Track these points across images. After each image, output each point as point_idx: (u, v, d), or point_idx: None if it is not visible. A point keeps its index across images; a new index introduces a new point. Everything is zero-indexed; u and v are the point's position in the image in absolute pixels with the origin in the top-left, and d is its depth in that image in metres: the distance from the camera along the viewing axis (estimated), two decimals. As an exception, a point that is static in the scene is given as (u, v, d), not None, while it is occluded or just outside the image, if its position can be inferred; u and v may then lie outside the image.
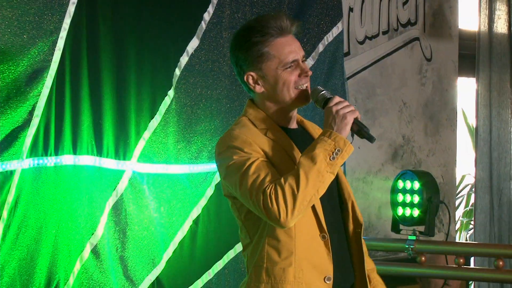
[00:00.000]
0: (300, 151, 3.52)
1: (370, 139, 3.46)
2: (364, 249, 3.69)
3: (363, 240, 3.64)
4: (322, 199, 3.45)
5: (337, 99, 3.43)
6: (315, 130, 3.76)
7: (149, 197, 4.57)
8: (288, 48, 3.53)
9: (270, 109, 3.61)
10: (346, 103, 3.41)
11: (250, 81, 3.56)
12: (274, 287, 3.47)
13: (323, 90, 3.52)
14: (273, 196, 3.30)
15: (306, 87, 3.56)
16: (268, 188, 3.31)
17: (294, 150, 3.55)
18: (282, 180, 3.30)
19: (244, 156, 3.41)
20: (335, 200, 3.59)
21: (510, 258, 5.98)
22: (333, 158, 3.33)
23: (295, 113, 3.68)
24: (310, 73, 3.56)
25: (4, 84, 4.08)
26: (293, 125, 3.67)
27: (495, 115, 7.11)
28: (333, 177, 3.35)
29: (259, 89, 3.56)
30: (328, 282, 3.48)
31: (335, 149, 3.35)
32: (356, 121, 3.41)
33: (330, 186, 3.44)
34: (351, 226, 3.63)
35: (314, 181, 3.30)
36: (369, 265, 3.75)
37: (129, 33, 4.56)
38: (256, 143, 3.45)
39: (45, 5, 4.20)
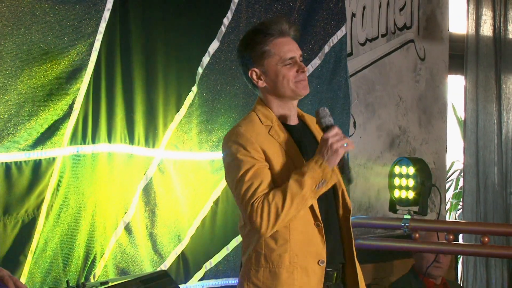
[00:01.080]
0: (299, 147, 3.56)
1: (349, 180, 3.49)
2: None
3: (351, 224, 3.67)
4: (320, 196, 3.49)
5: (335, 130, 3.44)
6: (314, 124, 3.74)
7: (175, 181, 4.58)
8: (287, 47, 3.57)
9: (273, 104, 3.63)
10: (341, 136, 3.41)
11: (254, 76, 3.60)
12: (271, 271, 3.51)
13: (327, 114, 3.51)
14: (259, 211, 3.37)
15: (301, 83, 3.57)
16: (256, 202, 3.39)
17: (293, 147, 3.56)
18: (271, 196, 3.38)
19: (244, 157, 3.46)
20: (329, 192, 3.57)
21: (494, 235, 5.98)
22: (318, 187, 3.39)
23: (295, 108, 3.69)
24: (306, 69, 3.58)
25: (47, 81, 4.09)
26: (294, 121, 3.68)
27: (481, 108, 7.10)
28: (315, 200, 3.43)
29: (261, 84, 3.59)
30: (321, 265, 3.52)
31: (321, 180, 3.39)
32: (344, 157, 3.44)
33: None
34: (341, 212, 3.66)
35: (298, 204, 3.38)
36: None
37: (157, 36, 4.58)
38: (258, 142, 3.48)
39: (83, 11, 4.21)
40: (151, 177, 4.54)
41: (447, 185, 7.56)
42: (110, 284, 3.10)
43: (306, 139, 3.63)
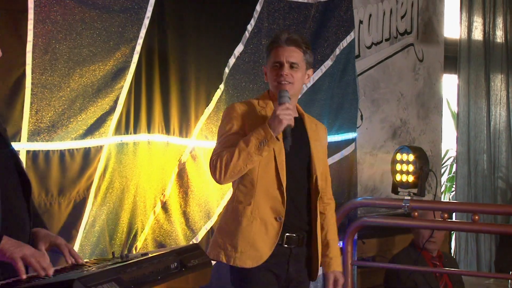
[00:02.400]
0: (283, 137, 3.70)
1: (285, 145, 3.66)
2: (331, 223, 4.03)
3: (320, 206, 3.90)
4: (291, 166, 3.76)
5: (284, 106, 3.63)
6: (313, 122, 4.02)
7: (205, 166, 4.59)
8: (279, 53, 3.77)
9: (272, 94, 3.86)
10: (287, 111, 3.61)
11: (265, 72, 3.89)
12: (235, 219, 3.78)
13: (285, 95, 3.69)
14: (215, 161, 3.66)
15: (280, 82, 3.75)
16: (215, 155, 3.70)
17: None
18: (224, 152, 3.66)
19: (228, 125, 3.78)
20: (303, 172, 3.84)
21: (484, 214, 5.97)
22: (261, 145, 3.60)
23: (294, 103, 3.88)
24: (284, 73, 3.74)
25: (95, 79, 4.11)
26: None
27: (472, 103, 7.09)
28: (261, 157, 3.64)
29: (266, 78, 3.89)
30: (279, 220, 3.75)
31: (263, 139, 3.59)
32: (287, 128, 3.61)
33: (302, 161, 3.83)
34: (313, 195, 3.85)
35: (244, 158, 3.61)
36: (335, 241, 4.03)
37: (190, 40, 4.58)
38: (243, 115, 3.78)
39: (126, 19, 4.23)
40: (184, 163, 4.56)
41: (442, 170, 7.55)
42: (150, 255, 3.10)
43: (294, 130, 3.75)
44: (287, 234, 3.76)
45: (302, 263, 3.86)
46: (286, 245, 3.77)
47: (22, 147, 3.83)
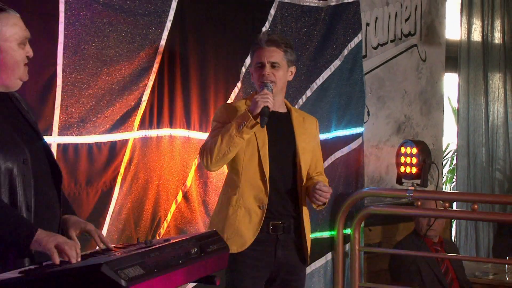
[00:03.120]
0: (268, 132, 3.80)
1: (261, 122, 3.66)
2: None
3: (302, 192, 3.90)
4: (275, 157, 3.81)
5: (263, 92, 3.70)
6: (301, 115, 4.04)
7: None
8: (260, 54, 3.83)
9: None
10: (265, 95, 3.66)
11: (251, 73, 3.95)
12: (223, 208, 3.87)
13: (266, 85, 3.74)
14: (202, 150, 3.78)
15: (263, 81, 3.79)
16: (202, 146, 3.81)
17: (262, 129, 3.76)
18: (209, 140, 3.77)
19: (215, 122, 3.87)
20: (289, 164, 3.88)
21: (482, 203, 5.95)
22: (240, 127, 3.65)
23: (282, 99, 3.95)
24: (266, 73, 3.79)
25: (121, 78, 4.12)
26: (279, 109, 3.91)
27: (471, 100, 7.07)
28: (243, 141, 3.68)
29: (252, 78, 3.96)
30: (262, 208, 3.79)
31: (242, 122, 3.65)
32: (264, 108, 3.63)
33: (287, 153, 3.86)
34: (298, 184, 3.89)
35: (227, 141, 3.67)
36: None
37: (209, 42, 4.58)
38: (230, 115, 3.81)
39: (150, 22, 4.23)
40: (204, 155, 4.56)
41: (444, 163, 7.53)
42: (172, 241, 3.10)
43: (280, 126, 3.88)
44: (273, 222, 3.80)
45: (291, 249, 3.87)
46: (272, 232, 3.80)
47: (53, 140, 3.84)
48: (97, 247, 2.99)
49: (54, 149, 3.81)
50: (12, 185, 2.79)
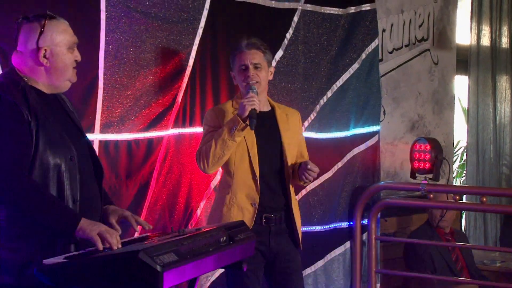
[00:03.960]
0: (254, 130, 3.74)
1: (250, 125, 3.64)
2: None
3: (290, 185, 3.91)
4: (264, 157, 3.80)
5: (249, 95, 3.69)
6: (284, 112, 4.01)
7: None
8: (242, 57, 3.81)
9: (243, 95, 3.82)
10: (251, 98, 3.65)
11: (233, 77, 3.92)
12: (218, 207, 3.86)
13: (251, 88, 3.72)
14: (198, 155, 3.75)
15: (248, 83, 3.77)
16: (197, 151, 3.75)
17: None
18: (203, 146, 3.73)
19: (206, 126, 3.84)
20: (277, 161, 3.86)
21: (490, 196, 5.90)
22: (232, 131, 3.63)
23: (265, 98, 3.92)
24: (251, 74, 3.77)
25: (157, 80, 4.13)
26: (263, 108, 3.87)
27: (480, 100, 7.01)
28: (235, 143, 3.67)
29: (234, 82, 3.93)
30: (254, 206, 3.78)
31: (233, 126, 3.64)
32: (251, 111, 3.62)
33: (274, 151, 3.85)
34: (286, 178, 3.88)
35: (221, 145, 3.65)
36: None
37: (237, 46, 4.59)
38: (219, 118, 3.80)
39: (183, 28, 4.25)
40: (232, 151, 4.56)
41: (454, 158, 7.48)
42: (203, 230, 3.11)
43: (266, 123, 3.85)
44: (265, 215, 3.81)
45: (284, 237, 3.88)
46: (265, 224, 3.81)
47: (95, 137, 3.87)
48: (135, 233, 3.01)
49: (96, 146, 3.84)
50: (59, 180, 2.82)
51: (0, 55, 3.40)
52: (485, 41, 7.01)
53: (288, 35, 4.84)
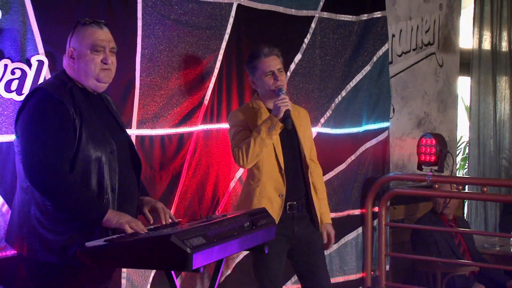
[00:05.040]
0: None
1: (286, 124, 3.65)
2: (319, 186, 4.01)
3: (311, 178, 3.90)
4: (287, 152, 3.80)
5: (281, 97, 3.67)
6: (296, 110, 3.96)
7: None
8: (267, 64, 3.78)
9: (262, 98, 3.85)
10: (284, 100, 3.66)
11: (251, 83, 3.89)
12: (248, 198, 3.83)
13: (281, 90, 3.71)
14: (237, 152, 3.70)
15: (276, 86, 3.75)
16: (235, 147, 3.71)
17: None
18: (242, 143, 3.69)
19: (236, 127, 3.80)
20: (296, 154, 3.86)
21: (490, 186, 5.84)
22: (270, 130, 3.63)
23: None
24: (279, 79, 3.77)
25: (188, 81, 4.14)
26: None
27: (482, 99, 6.98)
28: (272, 141, 3.69)
29: (255, 87, 3.88)
30: (281, 197, 3.77)
31: (270, 126, 3.63)
32: (286, 112, 3.64)
33: (293, 145, 3.84)
34: (304, 170, 3.86)
35: (259, 143, 3.65)
36: (323, 201, 4.03)
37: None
38: (245, 118, 3.80)
39: (211, 34, 4.25)
40: (256, 145, 4.55)
41: (457, 152, 7.44)
42: (228, 216, 3.12)
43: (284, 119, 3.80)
44: (289, 203, 3.80)
45: (305, 222, 3.88)
46: (289, 212, 3.80)
47: (132, 133, 3.88)
48: (163, 222, 3.02)
49: (133, 140, 3.85)
50: (100, 171, 2.84)
51: (48, 59, 3.42)
52: (486, 45, 6.97)
53: (306, 40, 4.82)
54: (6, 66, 3.30)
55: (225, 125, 4.34)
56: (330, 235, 4.01)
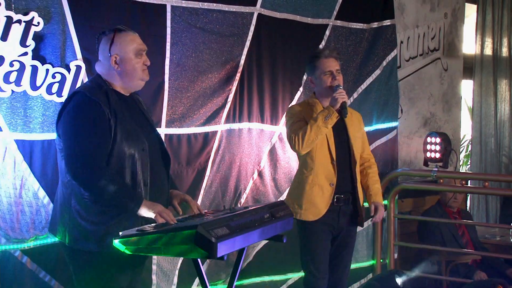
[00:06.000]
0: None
1: (343, 114, 3.64)
2: (372, 175, 3.94)
3: (358, 169, 3.85)
4: (337, 146, 3.73)
5: (340, 90, 3.64)
6: (349, 111, 3.84)
7: (288, 146, 4.56)
8: (327, 65, 3.72)
9: (318, 95, 3.79)
10: (342, 93, 3.62)
11: (309, 82, 3.83)
12: (300, 185, 3.76)
13: (339, 86, 3.66)
14: (294, 137, 3.64)
15: (333, 84, 3.70)
16: (292, 134, 3.66)
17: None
18: (300, 130, 3.63)
19: (293, 118, 3.73)
20: (346, 149, 3.78)
21: (491, 181, 5.78)
22: (326, 119, 3.60)
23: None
24: (337, 78, 3.71)
25: (212, 84, 4.14)
26: (327, 104, 3.77)
27: (483, 101, 6.92)
28: (327, 129, 3.63)
29: (313, 86, 3.82)
30: (332, 186, 3.71)
31: (327, 115, 3.60)
32: (343, 103, 3.61)
33: (344, 141, 3.77)
34: (353, 165, 3.79)
35: (315, 131, 3.60)
36: (375, 184, 3.94)
37: (278, 56, 4.57)
38: (302, 112, 3.73)
39: (234, 41, 4.25)
40: (274, 143, 4.55)
41: (461, 149, 7.38)
42: (250, 208, 3.12)
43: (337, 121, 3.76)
44: (337, 195, 3.73)
45: (349, 217, 3.81)
46: (336, 204, 3.74)
47: (161, 131, 3.90)
48: (193, 212, 3.03)
49: (162, 138, 3.87)
50: (133, 167, 2.85)
51: (86, 64, 3.45)
52: (488, 50, 6.92)
53: (321, 46, 4.81)
54: (47, 70, 3.33)
55: (246, 124, 4.36)
56: (377, 208, 3.86)
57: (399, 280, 4.59)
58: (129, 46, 2.91)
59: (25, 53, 3.25)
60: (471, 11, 6.99)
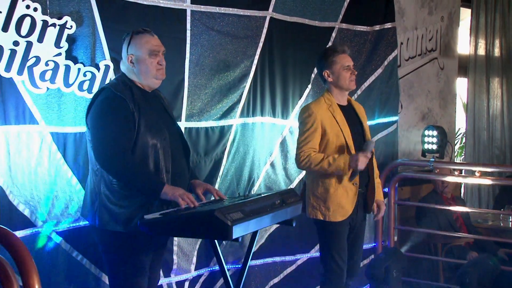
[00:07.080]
0: (345, 119, 3.56)
1: (352, 176, 3.51)
2: (376, 172, 3.77)
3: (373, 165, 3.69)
4: (355, 141, 3.57)
5: (366, 154, 3.48)
6: (358, 107, 3.80)
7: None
8: (346, 59, 3.61)
9: (334, 92, 3.63)
10: (365, 162, 3.47)
11: (326, 76, 3.63)
12: (324, 187, 3.59)
13: (370, 145, 3.52)
14: (301, 158, 3.51)
15: (352, 80, 3.59)
16: (302, 152, 3.50)
17: (341, 116, 3.60)
18: (312, 155, 3.49)
19: (307, 122, 3.52)
20: (361, 141, 3.64)
21: (484, 171, 5.74)
22: (336, 171, 3.49)
23: (346, 95, 3.71)
24: (355, 74, 3.61)
25: (227, 81, 4.14)
26: (344, 102, 3.69)
27: (477, 97, 6.89)
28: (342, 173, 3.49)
29: (330, 79, 3.62)
30: (355, 185, 3.57)
31: (340, 170, 3.49)
32: (357, 169, 3.48)
33: (359, 134, 3.63)
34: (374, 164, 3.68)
35: (320, 172, 3.51)
36: (376, 179, 3.77)
37: (289, 56, 4.55)
38: (318, 114, 3.54)
39: (248, 43, 4.24)
40: (285, 136, 4.54)
41: (456, 142, 7.34)
42: (262, 195, 3.13)
43: (350, 113, 3.67)
44: (359, 190, 3.62)
45: (363, 209, 3.70)
46: (358, 200, 3.62)
47: (182, 125, 3.90)
48: (215, 198, 3.05)
49: (182, 131, 3.87)
50: (156, 155, 2.87)
51: (113, 63, 3.45)
52: (481, 51, 6.89)
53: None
54: (79, 69, 3.34)
55: (259, 118, 4.35)
56: (380, 206, 3.74)
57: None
58: (144, 47, 2.91)
59: (59, 54, 3.26)
60: (466, 14, 6.94)
